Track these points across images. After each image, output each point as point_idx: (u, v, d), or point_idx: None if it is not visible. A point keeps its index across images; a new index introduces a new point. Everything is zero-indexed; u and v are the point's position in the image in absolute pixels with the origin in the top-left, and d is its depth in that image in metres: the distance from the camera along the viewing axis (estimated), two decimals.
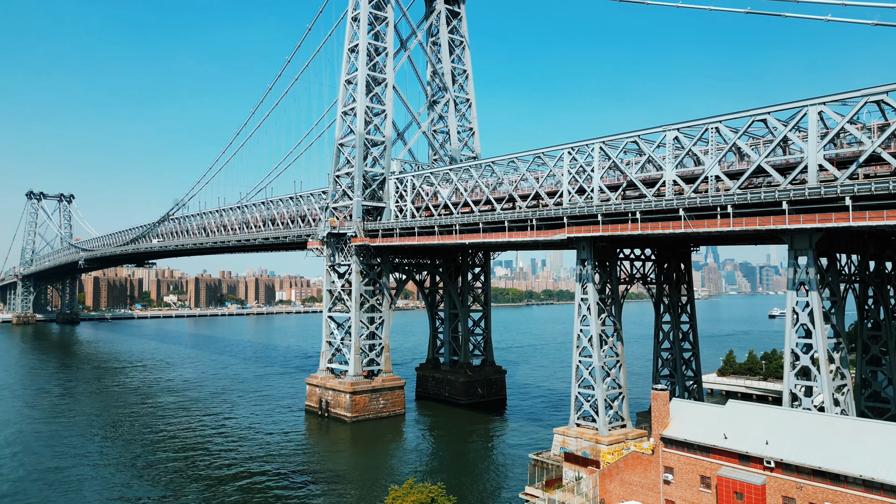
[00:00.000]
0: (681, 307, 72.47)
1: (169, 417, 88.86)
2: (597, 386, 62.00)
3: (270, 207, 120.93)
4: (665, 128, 57.54)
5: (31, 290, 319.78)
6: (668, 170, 56.88)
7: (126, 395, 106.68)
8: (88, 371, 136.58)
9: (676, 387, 71.25)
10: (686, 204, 52.91)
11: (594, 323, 62.51)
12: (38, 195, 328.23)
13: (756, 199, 48.38)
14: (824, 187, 44.60)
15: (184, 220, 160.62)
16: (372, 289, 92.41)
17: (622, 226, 58.39)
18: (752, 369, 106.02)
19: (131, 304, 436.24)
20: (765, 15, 58.49)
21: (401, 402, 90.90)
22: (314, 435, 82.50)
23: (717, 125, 53.80)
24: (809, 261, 47.87)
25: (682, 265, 72.95)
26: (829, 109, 47.25)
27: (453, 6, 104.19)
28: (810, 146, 47.14)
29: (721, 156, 53.38)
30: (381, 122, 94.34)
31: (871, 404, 56.19)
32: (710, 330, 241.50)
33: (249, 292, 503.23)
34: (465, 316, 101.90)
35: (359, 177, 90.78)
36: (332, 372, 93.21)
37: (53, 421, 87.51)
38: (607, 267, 65.84)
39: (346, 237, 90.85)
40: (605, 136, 62.96)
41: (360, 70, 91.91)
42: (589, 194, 63.65)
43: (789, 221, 46.55)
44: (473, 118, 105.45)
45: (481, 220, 73.36)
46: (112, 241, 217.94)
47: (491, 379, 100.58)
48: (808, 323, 47.66)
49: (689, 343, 72.37)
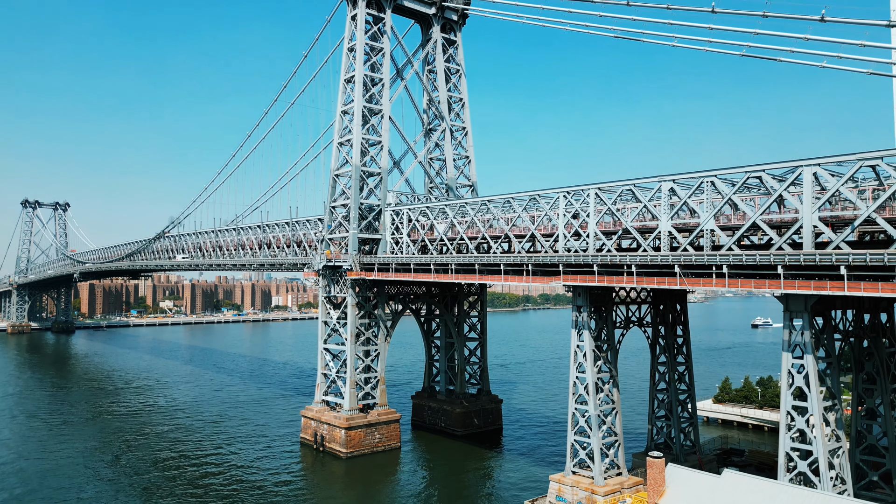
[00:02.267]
0: (676, 348, 72.50)
1: (165, 450, 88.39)
2: (593, 434, 61.92)
3: (266, 231, 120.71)
4: (660, 178, 57.54)
5: (26, 298, 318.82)
6: (664, 220, 56.82)
7: (121, 423, 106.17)
8: (82, 394, 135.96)
9: (672, 429, 71.28)
10: (681, 261, 52.85)
11: (590, 371, 62.42)
12: (34, 204, 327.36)
13: (751, 260, 48.32)
14: (819, 254, 44.53)
15: (179, 238, 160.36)
16: (368, 321, 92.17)
17: (618, 278, 58.32)
18: (749, 397, 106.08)
19: (127, 310, 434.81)
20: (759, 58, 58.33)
21: (396, 436, 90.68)
22: (310, 471, 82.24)
23: (713, 179, 53.74)
24: (805, 323, 47.84)
25: (678, 306, 72.95)
26: (824, 171, 47.25)
27: (449, 34, 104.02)
28: (805, 207, 47.12)
29: (716, 211, 53.37)
30: (377, 154, 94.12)
31: (867, 458, 56.22)
32: (707, 341, 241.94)
33: (246, 297, 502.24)
34: (461, 345, 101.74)
35: (355, 209, 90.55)
36: (328, 404, 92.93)
37: (45, 457, 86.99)
38: (603, 312, 65.77)
39: (342, 270, 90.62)
40: (601, 182, 62.91)
41: (357, 102, 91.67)
42: (584, 239, 63.70)
43: (785, 287, 46.50)
44: (470, 146, 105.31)
45: (477, 261, 73.24)
46: (107, 256, 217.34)
47: (487, 409, 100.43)
48: (804, 386, 47.62)
49: (685, 384, 72.41)
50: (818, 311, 50.19)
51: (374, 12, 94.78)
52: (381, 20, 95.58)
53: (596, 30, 67.97)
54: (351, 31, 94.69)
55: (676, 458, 69.62)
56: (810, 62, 55.11)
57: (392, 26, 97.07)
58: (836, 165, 48.05)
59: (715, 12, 52.94)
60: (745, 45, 55.58)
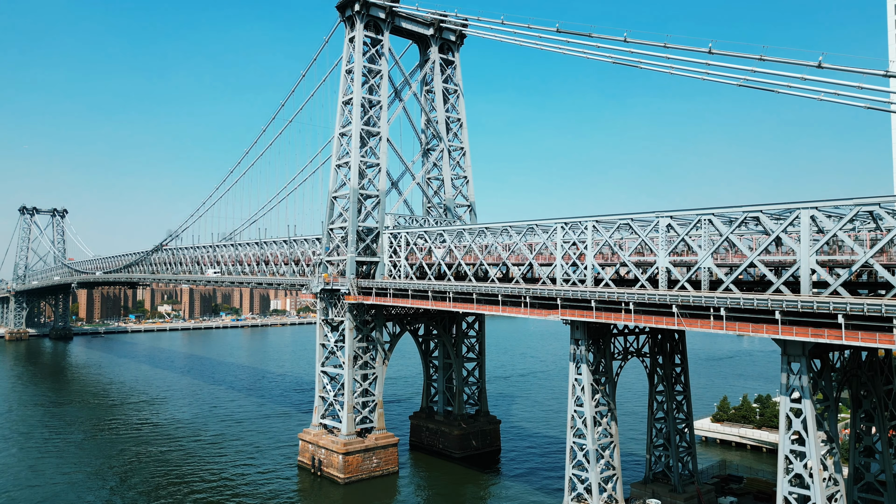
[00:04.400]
0: (675, 377, 72.42)
1: (164, 474, 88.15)
2: (591, 469, 61.88)
3: (264, 248, 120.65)
4: (658, 214, 57.57)
5: (24, 305, 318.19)
6: (661, 256, 56.86)
7: (119, 443, 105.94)
8: (79, 411, 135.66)
9: (670, 459, 71.19)
10: (679, 301, 52.80)
11: (588, 405, 62.39)
12: (31, 210, 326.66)
13: (749, 304, 48.29)
14: (817, 302, 44.50)
15: (177, 252, 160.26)
16: (365, 345, 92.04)
17: (616, 314, 58.28)
18: (747, 417, 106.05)
19: (125, 315, 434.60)
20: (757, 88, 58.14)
21: (394, 460, 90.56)
22: (307, 497, 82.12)
23: (710, 217, 53.79)
24: (803, 368, 47.83)
25: (675, 335, 72.87)
26: (821, 214, 47.24)
27: (447, 55, 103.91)
28: (803, 250, 47.10)
29: (713, 249, 53.34)
30: (374, 176, 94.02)
31: (865, 496, 56.20)
32: (708, 349, 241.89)
33: (244, 301, 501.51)
34: (459, 366, 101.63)
35: (352, 232, 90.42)
36: (325, 427, 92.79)
37: (42, 484, 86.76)
38: (601, 344, 65.73)
39: (340, 293, 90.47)
40: (599, 214, 63.03)
41: (355, 125, 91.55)
42: (582, 271, 63.68)
43: (782, 332, 46.47)
44: (468, 166, 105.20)
45: (475, 290, 73.15)
46: (105, 266, 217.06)
47: (485, 430, 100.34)
48: (802, 431, 47.62)
49: (684, 414, 72.34)
50: (815, 354, 50.15)
51: (372, 34, 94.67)
52: (379, 42, 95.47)
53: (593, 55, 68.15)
54: (349, 54, 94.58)
55: (675, 487, 69.66)
56: (808, 95, 55.06)
57: (390, 48, 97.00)
58: (834, 208, 48.17)
59: (712, 53, 52.93)
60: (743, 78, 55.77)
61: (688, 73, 61.27)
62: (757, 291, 51.14)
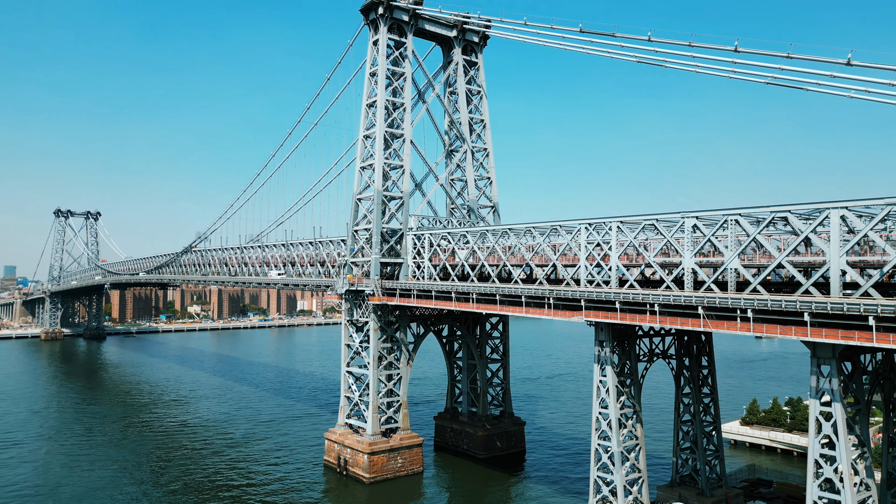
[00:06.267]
0: (702, 379, 71.53)
1: (194, 472, 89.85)
2: (616, 472, 61.46)
3: (290, 249, 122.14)
4: (683, 215, 56.96)
5: (59, 305, 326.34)
6: (687, 257, 56.23)
7: (150, 441, 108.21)
8: (112, 408, 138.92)
9: (698, 462, 70.31)
10: (705, 302, 52.18)
11: (613, 407, 61.97)
12: (66, 213, 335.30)
13: (777, 306, 47.51)
14: (847, 303, 43.63)
15: (206, 253, 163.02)
16: (390, 345, 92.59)
17: (640, 316, 57.80)
18: (777, 420, 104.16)
19: (156, 315, 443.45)
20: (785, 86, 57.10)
21: (419, 461, 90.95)
22: (333, 496, 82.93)
23: (737, 217, 53.06)
24: (833, 371, 46.94)
25: (702, 336, 71.95)
26: (851, 214, 46.28)
27: (470, 56, 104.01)
28: (832, 251, 46.22)
29: (740, 250, 52.60)
30: (398, 178, 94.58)
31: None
32: (740, 351, 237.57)
33: (272, 302, 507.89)
34: (483, 367, 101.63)
35: (377, 234, 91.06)
36: (351, 427, 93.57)
37: (79, 480, 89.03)
38: (626, 346, 65.24)
39: (365, 294, 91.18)
40: (623, 215, 62.62)
41: (378, 127, 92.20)
42: (606, 272, 63.30)
43: (811, 334, 45.63)
44: (491, 167, 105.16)
45: (499, 291, 73.11)
46: (137, 267, 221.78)
47: (510, 431, 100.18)
48: (832, 435, 46.72)
49: (711, 416, 71.36)
50: (846, 356, 49.18)
51: (396, 37, 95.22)
52: (403, 44, 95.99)
53: (617, 54, 67.71)
54: (373, 56, 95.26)
55: (702, 491, 68.82)
56: (838, 93, 53.97)
57: (413, 50, 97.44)
58: (865, 208, 47.14)
59: (738, 51, 52.25)
60: (770, 76, 54.86)
61: (714, 71, 60.68)
62: (785, 293, 50.30)
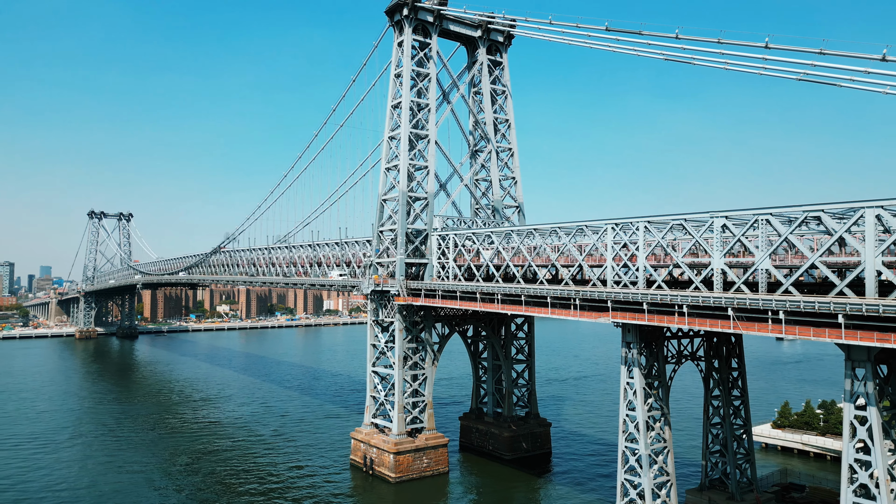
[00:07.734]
0: (732, 381, 70.33)
1: (223, 470, 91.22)
2: (643, 474, 60.74)
3: (317, 250, 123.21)
4: (713, 214, 56.03)
5: (93, 305, 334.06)
6: (716, 258, 55.33)
7: (180, 439, 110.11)
8: (144, 406, 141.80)
9: (728, 466, 69.17)
10: (735, 304, 51.26)
11: (640, 409, 61.25)
12: (99, 214, 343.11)
13: (810, 307, 46.44)
14: (883, 304, 42.48)
15: (234, 254, 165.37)
16: (415, 345, 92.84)
17: (668, 317, 57.02)
18: (810, 423, 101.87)
19: (186, 315, 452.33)
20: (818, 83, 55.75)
21: (444, 461, 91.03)
22: (359, 495, 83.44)
23: (768, 216, 52.00)
24: (868, 374, 45.77)
25: (732, 338, 70.74)
26: (887, 214, 45.01)
27: (495, 56, 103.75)
28: (868, 251, 45.02)
29: (772, 250, 51.55)
30: (423, 178, 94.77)
31: None
32: (773, 353, 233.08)
33: (299, 302, 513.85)
34: (509, 368, 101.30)
35: (401, 234, 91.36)
36: (377, 427, 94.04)
37: (113, 476, 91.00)
38: (653, 348, 64.43)
39: (390, 295, 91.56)
40: (651, 215, 61.86)
41: (403, 128, 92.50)
42: (633, 273, 62.58)
43: (846, 337, 44.51)
44: (516, 167, 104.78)
45: (524, 292, 72.77)
46: (168, 268, 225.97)
47: (535, 433, 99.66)
48: (867, 439, 45.54)
49: (741, 419, 70.17)
50: (882, 359, 47.93)
51: (421, 38, 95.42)
52: (427, 45, 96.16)
53: (644, 52, 66.88)
54: (398, 58, 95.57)
55: (732, 495, 67.74)
56: (872, 89, 52.54)
57: (438, 51, 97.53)
58: None
59: (769, 48, 51.22)
60: (802, 72, 53.60)
61: (744, 68, 59.44)
62: (818, 294, 49.16)
